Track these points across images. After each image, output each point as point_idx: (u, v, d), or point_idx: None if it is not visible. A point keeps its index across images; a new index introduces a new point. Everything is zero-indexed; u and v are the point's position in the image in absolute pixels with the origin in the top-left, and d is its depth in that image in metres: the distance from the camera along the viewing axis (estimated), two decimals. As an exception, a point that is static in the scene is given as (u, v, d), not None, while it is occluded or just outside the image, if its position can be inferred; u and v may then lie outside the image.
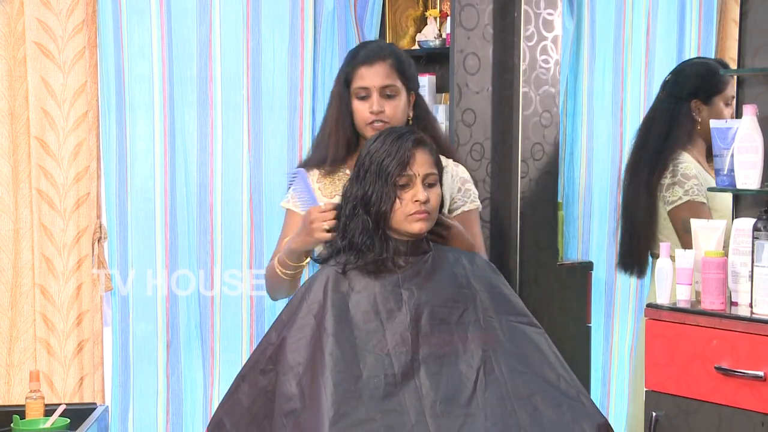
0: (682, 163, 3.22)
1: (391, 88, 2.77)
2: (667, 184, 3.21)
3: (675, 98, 3.29)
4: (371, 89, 2.76)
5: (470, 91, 3.17)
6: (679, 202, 3.19)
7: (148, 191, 3.24)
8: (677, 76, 3.35)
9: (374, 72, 2.77)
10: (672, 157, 3.23)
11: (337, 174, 2.85)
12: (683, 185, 3.19)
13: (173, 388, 3.30)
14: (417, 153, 2.50)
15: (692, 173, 3.20)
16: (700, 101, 3.27)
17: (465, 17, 3.14)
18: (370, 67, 2.77)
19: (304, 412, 2.29)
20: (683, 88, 3.29)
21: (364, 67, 2.78)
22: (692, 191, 3.17)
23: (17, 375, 3.05)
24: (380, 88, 2.76)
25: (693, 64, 3.44)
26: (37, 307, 3.06)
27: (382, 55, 2.79)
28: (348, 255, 2.47)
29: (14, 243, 3.04)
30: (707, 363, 2.56)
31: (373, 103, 2.75)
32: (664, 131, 3.29)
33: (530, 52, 3.19)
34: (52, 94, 3.04)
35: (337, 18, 3.44)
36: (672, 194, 3.20)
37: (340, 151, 2.83)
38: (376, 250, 2.47)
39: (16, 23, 3.01)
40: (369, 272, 2.48)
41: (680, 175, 3.20)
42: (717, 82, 3.28)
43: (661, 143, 3.27)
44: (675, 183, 3.20)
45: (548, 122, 3.26)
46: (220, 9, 3.29)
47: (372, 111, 2.75)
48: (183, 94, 3.27)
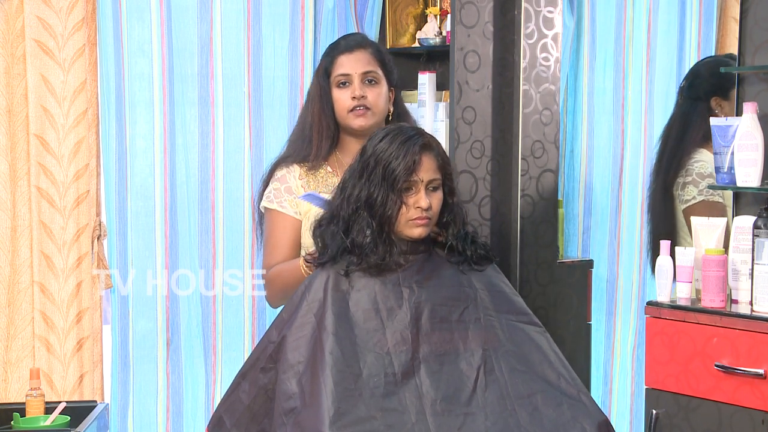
0: (699, 162, 3.24)
1: (373, 74, 2.78)
2: (683, 183, 3.24)
3: (693, 100, 3.33)
4: (352, 75, 2.77)
5: (470, 89, 3.16)
6: (693, 201, 3.21)
7: (148, 189, 3.24)
8: (692, 79, 3.39)
9: (355, 58, 2.78)
10: (688, 157, 3.25)
11: (319, 171, 2.84)
12: (698, 185, 3.21)
13: (174, 386, 3.30)
14: (423, 158, 2.48)
15: (708, 172, 3.20)
16: (719, 98, 3.29)
17: (465, 15, 3.13)
18: (351, 54, 2.79)
19: (304, 410, 2.29)
20: (700, 88, 3.34)
21: (344, 55, 2.80)
22: (707, 191, 3.18)
23: (15, 373, 3.05)
24: (361, 74, 2.77)
25: (705, 64, 3.48)
26: (36, 304, 3.06)
27: (363, 44, 2.81)
28: (351, 256, 2.46)
29: (11, 240, 3.04)
30: (707, 361, 2.56)
31: (355, 88, 2.75)
32: (680, 133, 3.31)
33: (530, 49, 3.19)
34: (52, 91, 3.04)
35: (337, 15, 3.44)
36: (687, 193, 3.23)
37: (324, 146, 2.82)
38: (379, 253, 2.46)
39: (15, 20, 3.01)
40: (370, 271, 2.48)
41: (695, 174, 3.22)
42: (731, 77, 3.30)
43: (677, 144, 3.29)
44: (690, 182, 3.22)
45: (548, 120, 3.25)
46: (221, 6, 3.29)
47: (354, 96, 2.75)
48: (183, 91, 3.27)
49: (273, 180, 2.85)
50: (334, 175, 2.86)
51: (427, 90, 3.36)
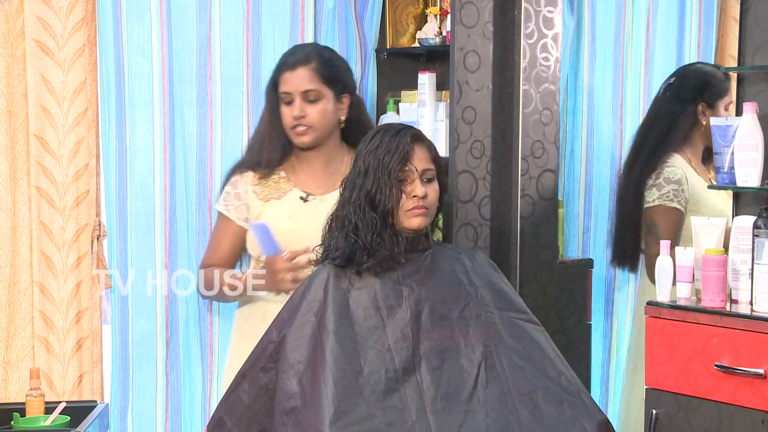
0: (669, 167, 3.31)
1: (314, 92, 2.80)
2: (650, 184, 3.32)
3: (680, 100, 3.37)
4: (293, 94, 2.79)
5: (470, 89, 3.16)
6: (651, 204, 3.29)
7: (148, 189, 3.23)
8: (683, 79, 3.43)
9: (296, 77, 2.81)
10: (662, 159, 3.35)
11: (272, 177, 2.87)
12: (661, 188, 3.30)
13: (172, 385, 3.30)
14: (416, 147, 2.52)
15: (675, 178, 3.29)
16: (705, 104, 3.33)
17: (465, 15, 3.14)
18: (293, 72, 2.81)
19: (305, 409, 2.29)
20: (689, 90, 3.36)
21: (287, 72, 2.83)
22: (666, 196, 3.28)
23: (15, 373, 3.05)
24: (302, 93, 2.79)
25: (697, 69, 3.52)
26: (36, 304, 3.05)
27: (306, 60, 2.81)
28: (360, 255, 2.48)
29: (11, 241, 3.04)
30: (707, 361, 2.56)
31: (295, 107, 2.78)
32: (663, 131, 3.39)
33: (530, 49, 3.19)
34: (52, 91, 3.04)
35: (337, 16, 3.43)
36: (649, 195, 3.33)
37: (274, 154, 2.87)
38: (386, 246, 2.48)
39: (15, 20, 3.01)
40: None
41: (662, 178, 3.31)
42: (721, 87, 3.35)
43: (657, 143, 3.36)
44: (655, 185, 3.31)
45: (548, 120, 3.25)
46: (220, 6, 3.28)
47: (294, 116, 2.78)
48: (183, 91, 3.26)
49: (228, 183, 2.91)
50: (287, 181, 2.88)
51: (427, 90, 3.36)
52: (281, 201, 2.85)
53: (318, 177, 2.92)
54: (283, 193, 2.85)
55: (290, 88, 2.81)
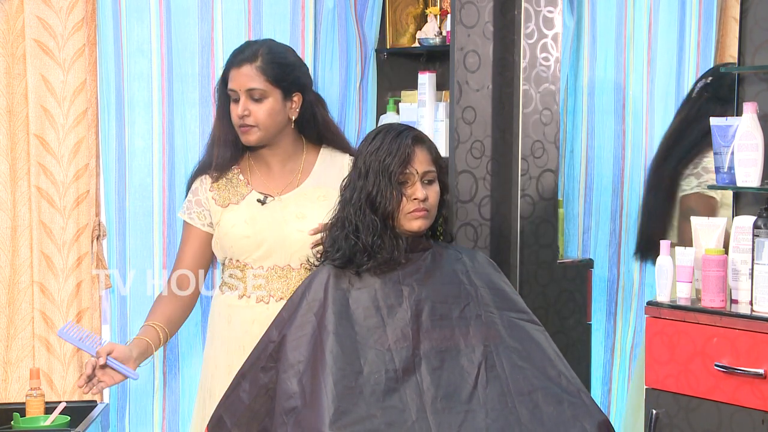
0: (710, 159, 3.25)
1: (258, 91, 2.74)
2: (687, 174, 3.26)
3: (719, 100, 3.31)
4: (239, 92, 2.75)
5: (470, 89, 3.16)
6: (689, 191, 3.24)
7: (147, 189, 3.23)
8: (718, 79, 3.36)
9: (241, 74, 2.75)
10: (702, 152, 3.26)
11: (231, 180, 2.83)
12: (699, 177, 3.24)
13: (170, 386, 3.30)
14: (417, 150, 2.51)
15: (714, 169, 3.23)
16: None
17: (465, 15, 3.14)
18: (239, 70, 2.76)
19: (305, 409, 2.29)
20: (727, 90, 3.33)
21: (233, 69, 2.78)
22: (705, 184, 3.21)
23: (15, 373, 3.05)
24: (246, 91, 2.74)
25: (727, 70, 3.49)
26: (36, 304, 3.06)
27: (252, 58, 2.75)
28: (361, 257, 2.48)
29: (11, 240, 3.04)
30: (707, 361, 2.56)
31: (240, 105, 2.74)
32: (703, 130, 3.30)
33: (530, 49, 3.19)
34: (52, 91, 3.04)
35: (337, 16, 3.44)
36: (687, 183, 3.26)
37: (224, 153, 2.82)
38: (386, 249, 2.48)
39: (15, 20, 3.01)
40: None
41: (701, 167, 3.25)
42: None
43: (698, 139, 3.29)
44: (693, 174, 3.25)
45: (548, 120, 3.25)
46: (221, 6, 3.29)
47: (238, 114, 2.75)
48: (183, 91, 3.26)
49: (190, 191, 2.88)
50: (246, 184, 2.83)
51: (427, 90, 3.36)
52: (239, 206, 2.81)
53: (276, 177, 2.86)
54: (242, 198, 2.80)
55: (236, 86, 2.76)
